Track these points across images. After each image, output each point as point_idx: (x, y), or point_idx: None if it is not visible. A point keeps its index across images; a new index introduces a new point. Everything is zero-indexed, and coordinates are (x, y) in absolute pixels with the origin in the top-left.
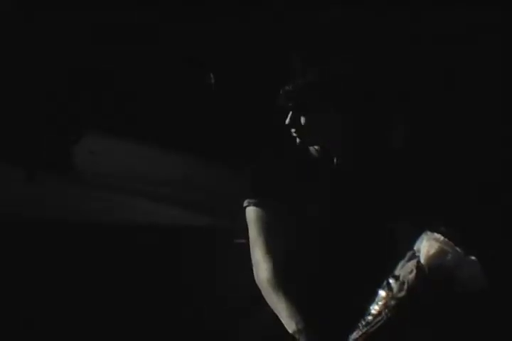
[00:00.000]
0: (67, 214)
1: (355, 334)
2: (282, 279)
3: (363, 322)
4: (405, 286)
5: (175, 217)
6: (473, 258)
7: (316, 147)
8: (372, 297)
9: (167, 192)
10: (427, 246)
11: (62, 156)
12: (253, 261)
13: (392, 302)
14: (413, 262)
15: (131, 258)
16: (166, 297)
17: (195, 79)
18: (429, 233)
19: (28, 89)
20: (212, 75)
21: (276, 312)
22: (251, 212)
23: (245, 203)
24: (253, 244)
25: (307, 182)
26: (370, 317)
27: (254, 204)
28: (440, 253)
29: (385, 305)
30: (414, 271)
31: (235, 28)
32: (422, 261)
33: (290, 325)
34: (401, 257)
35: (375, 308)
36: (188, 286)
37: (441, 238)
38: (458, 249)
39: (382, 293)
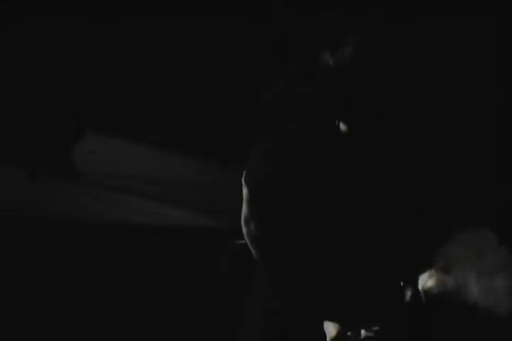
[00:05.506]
0: (67, 214)
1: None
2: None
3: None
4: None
5: (175, 217)
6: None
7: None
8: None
9: (167, 192)
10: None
11: (62, 156)
12: (244, 217)
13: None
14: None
15: (131, 259)
16: (166, 297)
17: (195, 79)
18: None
19: (28, 89)
20: (212, 75)
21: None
22: (244, 192)
23: (243, 181)
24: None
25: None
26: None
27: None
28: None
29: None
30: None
31: (234, 27)
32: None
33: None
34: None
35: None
36: (188, 286)
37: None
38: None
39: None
